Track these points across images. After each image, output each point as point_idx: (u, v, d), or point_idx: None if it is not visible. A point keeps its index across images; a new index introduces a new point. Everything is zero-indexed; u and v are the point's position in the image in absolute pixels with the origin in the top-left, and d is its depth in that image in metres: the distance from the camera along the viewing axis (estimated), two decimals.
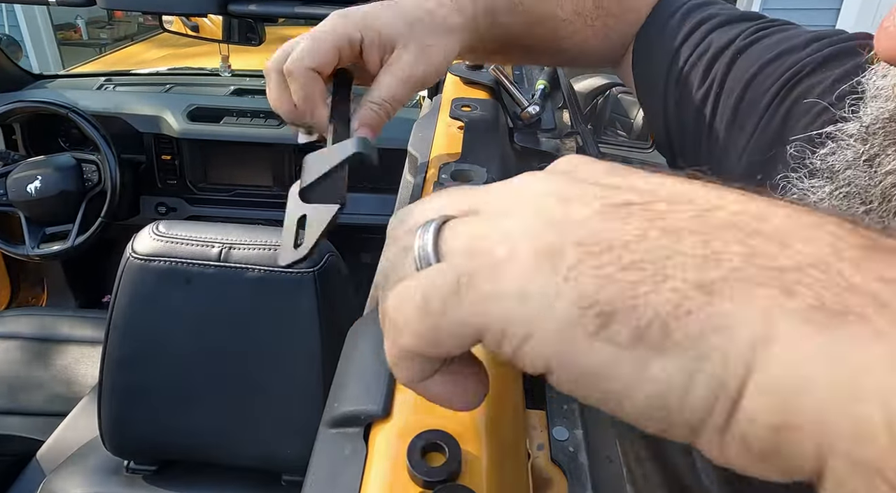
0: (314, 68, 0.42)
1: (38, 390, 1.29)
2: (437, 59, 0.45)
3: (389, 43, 0.44)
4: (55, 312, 1.54)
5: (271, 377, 0.84)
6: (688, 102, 0.52)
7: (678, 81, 0.53)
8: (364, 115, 0.43)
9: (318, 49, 0.42)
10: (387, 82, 0.44)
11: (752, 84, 0.47)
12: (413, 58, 0.44)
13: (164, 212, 1.72)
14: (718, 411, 0.15)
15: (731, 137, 0.48)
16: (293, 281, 0.81)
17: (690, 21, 0.54)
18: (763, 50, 0.48)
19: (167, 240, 0.82)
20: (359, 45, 0.44)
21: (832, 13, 3.51)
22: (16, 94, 1.65)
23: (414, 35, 0.44)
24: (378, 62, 0.45)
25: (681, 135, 0.54)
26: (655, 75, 0.56)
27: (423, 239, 0.19)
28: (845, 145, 0.37)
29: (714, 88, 0.50)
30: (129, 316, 0.83)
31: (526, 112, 0.64)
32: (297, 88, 0.43)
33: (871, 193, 0.35)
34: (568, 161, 0.21)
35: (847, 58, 0.43)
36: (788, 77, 0.45)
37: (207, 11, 1.28)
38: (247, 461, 0.89)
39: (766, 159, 0.44)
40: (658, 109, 0.56)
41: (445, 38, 0.46)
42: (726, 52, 0.50)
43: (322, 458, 0.28)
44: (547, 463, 0.32)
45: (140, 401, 0.86)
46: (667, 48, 0.55)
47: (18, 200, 1.50)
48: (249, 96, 1.71)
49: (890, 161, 0.34)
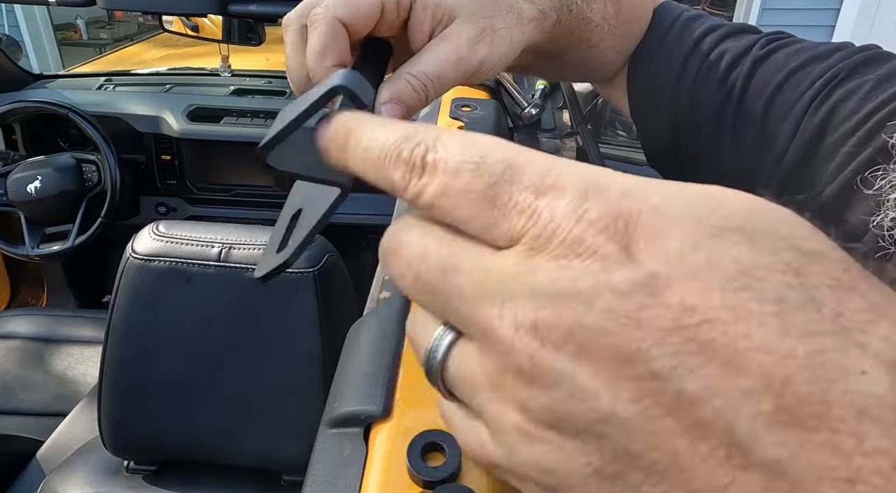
0: (344, 21, 0.32)
1: (38, 390, 1.29)
2: (501, 47, 0.37)
3: (448, 13, 0.35)
4: (55, 312, 1.54)
5: (271, 377, 0.84)
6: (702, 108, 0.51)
7: (690, 89, 0.52)
8: (398, 87, 0.33)
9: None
10: (434, 57, 0.34)
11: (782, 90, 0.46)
12: (474, 36, 0.35)
13: (164, 212, 1.72)
14: None
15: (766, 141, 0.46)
16: (293, 281, 0.81)
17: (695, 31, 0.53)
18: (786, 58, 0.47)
19: (167, 240, 0.82)
20: (408, 8, 0.35)
21: (832, 13, 3.50)
22: (16, 94, 1.65)
23: (480, 11, 0.36)
24: (427, 34, 0.35)
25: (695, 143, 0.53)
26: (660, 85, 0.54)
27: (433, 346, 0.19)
28: None
29: (735, 94, 0.49)
30: (129, 316, 0.83)
31: (526, 112, 0.64)
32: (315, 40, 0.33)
33: None
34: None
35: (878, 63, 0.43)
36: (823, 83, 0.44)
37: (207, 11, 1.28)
38: (247, 461, 0.89)
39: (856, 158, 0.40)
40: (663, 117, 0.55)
41: (517, 26, 0.38)
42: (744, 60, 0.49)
43: (322, 458, 0.28)
44: None
45: (140, 401, 0.86)
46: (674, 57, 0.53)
47: (18, 200, 1.50)
48: (249, 96, 1.71)
49: None
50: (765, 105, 0.47)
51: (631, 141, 1.66)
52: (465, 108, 0.58)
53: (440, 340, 0.18)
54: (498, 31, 0.36)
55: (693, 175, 0.54)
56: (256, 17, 1.38)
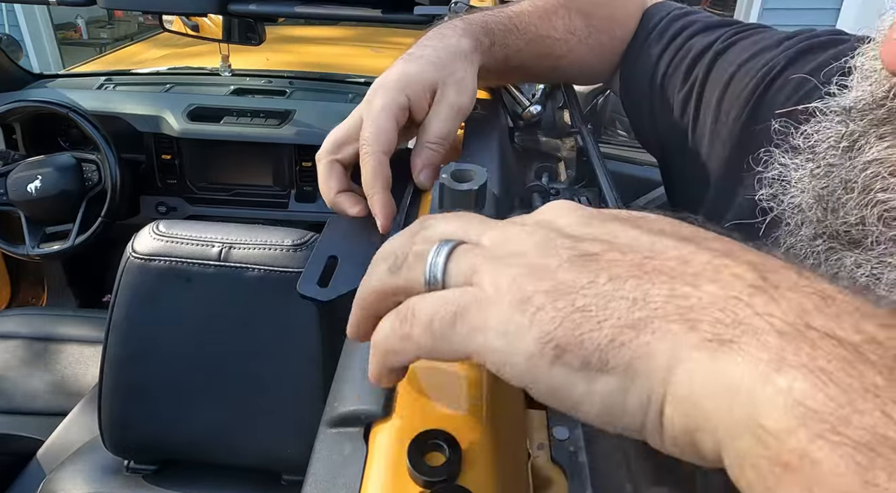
0: (385, 152, 0.43)
1: (38, 391, 1.29)
2: (471, 85, 0.48)
3: (431, 89, 0.46)
4: (55, 312, 1.54)
5: (271, 377, 0.84)
6: (671, 103, 0.56)
7: (662, 85, 0.57)
8: (426, 155, 0.45)
9: (382, 130, 0.43)
10: (439, 121, 0.46)
11: (732, 82, 0.50)
12: (455, 92, 0.46)
13: (164, 212, 1.72)
14: (650, 416, 0.20)
15: (717, 131, 0.51)
16: (293, 281, 0.81)
17: (672, 29, 0.58)
18: (740, 51, 0.52)
19: (167, 240, 0.82)
20: (408, 107, 0.45)
21: (832, 13, 3.51)
22: (16, 93, 1.65)
23: (445, 73, 0.47)
24: (426, 109, 0.46)
25: (667, 136, 0.57)
26: (640, 82, 0.60)
27: (436, 259, 0.24)
28: (828, 125, 0.38)
29: (696, 89, 0.53)
30: (129, 316, 0.83)
31: (527, 112, 0.64)
32: (368, 171, 0.43)
33: (850, 179, 0.35)
34: (552, 210, 0.25)
35: (820, 51, 0.46)
36: (765, 72, 0.48)
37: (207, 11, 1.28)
38: (247, 461, 0.89)
39: (751, 134, 0.47)
40: (644, 112, 0.60)
41: (468, 63, 0.49)
42: (706, 56, 0.54)
43: (322, 458, 0.28)
44: (547, 463, 0.32)
45: (140, 400, 0.86)
46: (650, 55, 0.59)
47: (18, 200, 1.50)
48: (249, 96, 1.71)
49: (871, 148, 0.35)
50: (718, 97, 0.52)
51: (631, 141, 1.66)
52: None
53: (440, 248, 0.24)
54: (465, 77, 0.47)
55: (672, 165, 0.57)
56: (256, 17, 1.37)
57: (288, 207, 1.69)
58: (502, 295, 0.21)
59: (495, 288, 0.22)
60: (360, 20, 1.19)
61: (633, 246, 0.22)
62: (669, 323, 0.19)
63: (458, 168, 0.39)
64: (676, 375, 0.19)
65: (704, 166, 0.52)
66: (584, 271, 0.21)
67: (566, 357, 0.20)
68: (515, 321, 0.21)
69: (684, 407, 0.19)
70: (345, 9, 1.15)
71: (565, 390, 0.21)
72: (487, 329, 0.22)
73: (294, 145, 1.61)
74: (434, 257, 0.24)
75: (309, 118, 1.61)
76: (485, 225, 0.25)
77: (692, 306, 0.19)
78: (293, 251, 0.82)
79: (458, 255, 0.24)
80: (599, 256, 0.21)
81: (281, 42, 2.22)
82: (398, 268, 0.26)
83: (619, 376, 0.20)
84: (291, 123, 1.60)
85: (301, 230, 0.85)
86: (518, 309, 0.21)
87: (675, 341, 0.19)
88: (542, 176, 0.59)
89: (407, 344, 0.24)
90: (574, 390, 0.21)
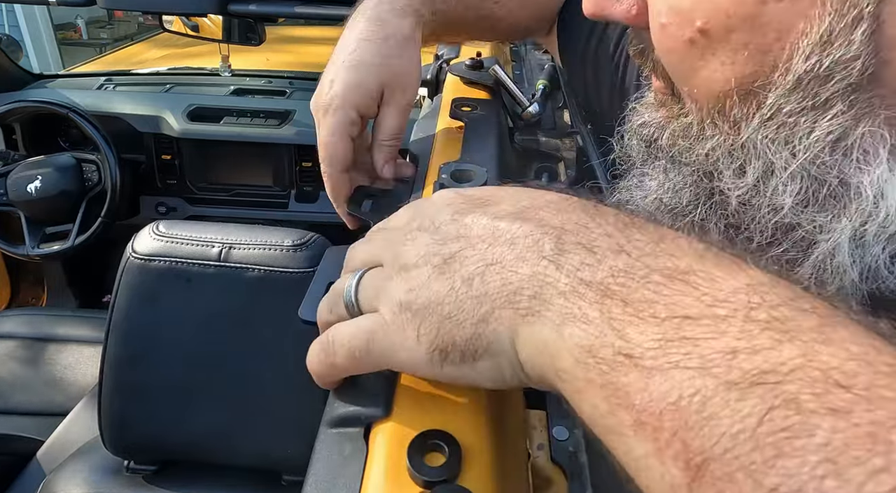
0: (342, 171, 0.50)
1: (38, 390, 1.29)
2: (416, 76, 0.51)
3: (377, 93, 0.50)
4: (55, 312, 1.54)
5: (271, 377, 0.84)
6: (602, 71, 0.57)
7: (595, 51, 0.58)
8: (385, 152, 0.51)
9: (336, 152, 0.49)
10: (389, 120, 0.50)
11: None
12: (401, 90, 0.50)
13: (164, 212, 1.72)
14: (521, 376, 0.26)
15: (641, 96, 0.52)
16: (293, 281, 0.81)
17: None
18: None
19: (167, 240, 0.82)
20: (359, 118, 0.50)
21: None
22: (16, 94, 1.65)
23: (390, 71, 0.50)
24: (376, 110, 0.51)
25: (597, 101, 0.59)
26: (575, 46, 0.61)
27: (349, 290, 0.30)
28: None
29: (623, 57, 0.54)
30: (129, 316, 0.83)
31: (527, 112, 0.64)
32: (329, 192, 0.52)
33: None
34: (434, 205, 0.30)
35: None
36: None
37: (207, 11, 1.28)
38: (247, 461, 0.89)
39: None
40: (579, 75, 0.62)
41: (410, 51, 0.51)
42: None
43: (322, 458, 0.28)
44: (547, 463, 0.32)
45: (140, 401, 0.86)
46: (584, 22, 0.59)
47: (18, 200, 1.50)
48: (249, 96, 1.71)
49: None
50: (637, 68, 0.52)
51: None
52: (466, 107, 0.58)
53: (352, 279, 0.30)
54: (406, 73, 0.50)
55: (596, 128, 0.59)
56: (256, 17, 1.38)
57: (288, 207, 1.69)
58: (397, 318, 0.27)
59: (391, 313, 0.27)
60: None
61: (482, 235, 0.27)
62: (503, 310, 0.25)
63: (458, 168, 0.39)
64: (517, 345, 0.25)
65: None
66: (445, 279, 0.26)
67: (450, 356, 0.26)
68: (410, 339, 0.27)
69: (529, 365, 0.25)
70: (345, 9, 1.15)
71: (461, 379, 0.27)
72: (394, 349, 0.27)
73: (294, 145, 1.61)
74: (348, 289, 0.30)
75: (309, 118, 1.59)
76: (386, 243, 0.30)
77: (515, 290, 0.25)
78: (293, 252, 0.82)
79: (365, 283, 0.30)
80: (456, 255, 0.27)
81: (281, 42, 2.22)
82: (334, 304, 0.31)
83: (489, 358, 0.26)
84: (291, 124, 1.60)
85: (301, 230, 0.85)
86: (410, 328, 0.27)
87: (509, 322, 0.25)
88: (542, 176, 0.59)
89: (334, 370, 0.30)
90: (467, 377, 0.27)
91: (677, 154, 0.32)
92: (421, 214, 0.30)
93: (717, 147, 0.30)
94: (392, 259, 0.29)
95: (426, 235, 0.28)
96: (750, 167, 0.28)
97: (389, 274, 0.29)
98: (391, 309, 0.27)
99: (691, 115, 0.31)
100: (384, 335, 0.27)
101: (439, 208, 0.29)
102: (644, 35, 0.32)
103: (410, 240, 0.29)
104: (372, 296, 0.29)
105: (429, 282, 0.27)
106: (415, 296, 0.27)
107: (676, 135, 0.32)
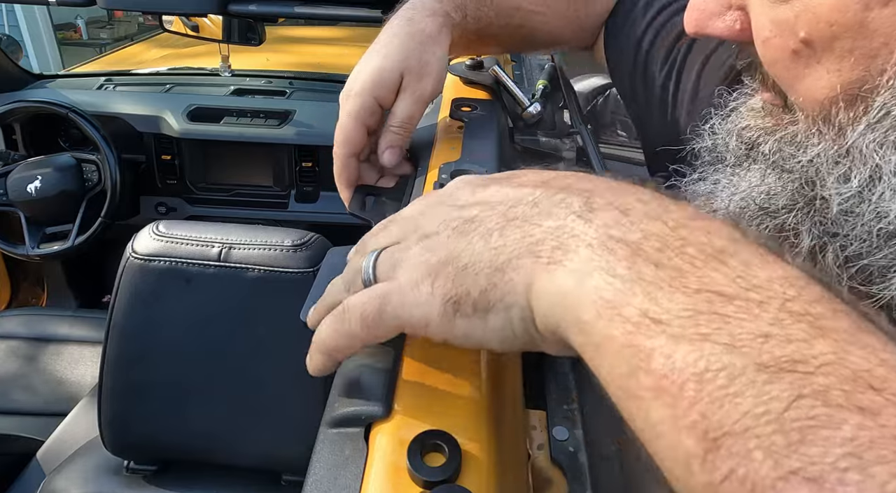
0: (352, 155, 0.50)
1: (37, 390, 1.29)
2: (436, 69, 0.51)
3: (397, 81, 0.50)
4: (55, 312, 1.54)
5: (271, 377, 0.84)
6: (653, 80, 0.58)
7: (645, 62, 0.58)
8: (390, 138, 0.50)
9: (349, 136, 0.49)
10: (402, 107, 0.50)
11: (710, 59, 0.52)
12: (417, 79, 0.50)
13: (164, 212, 1.72)
14: (531, 331, 0.25)
15: (696, 109, 0.52)
16: (293, 281, 0.81)
17: (655, 5, 0.59)
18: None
19: (167, 240, 0.82)
20: (378, 106, 0.50)
21: None
22: (16, 94, 1.65)
23: (409, 61, 0.50)
24: (393, 99, 0.50)
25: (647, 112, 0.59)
26: (625, 58, 0.61)
27: (367, 267, 0.30)
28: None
29: (676, 67, 0.55)
30: (129, 316, 0.83)
31: (527, 112, 0.64)
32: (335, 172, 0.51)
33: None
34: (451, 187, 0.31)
35: None
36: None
37: (207, 11, 1.28)
38: (247, 461, 0.89)
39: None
40: (628, 88, 0.62)
41: (433, 46, 0.51)
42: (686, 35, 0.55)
43: (322, 458, 0.28)
44: (547, 463, 0.32)
45: (140, 401, 0.86)
46: (634, 32, 0.60)
47: (18, 200, 1.50)
48: (249, 96, 1.71)
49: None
50: (696, 74, 0.53)
51: (631, 141, 1.66)
52: (466, 108, 0.58)
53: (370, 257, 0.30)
54: (428, 63, 0.50)
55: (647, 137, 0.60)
56: (256, 17, 1.38)
57: (288, 207, 1.69)
58: (412, 277, 0.27)
59: (408, 275, 0.27)
60: (359, 20, 1.20)
61: (503, 200, 0.27)
62: (522, 259, 0.25)
63: (457, 168, 0.39)
64: (533, 293, 0.24)
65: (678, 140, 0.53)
66: (464, 237, 0.27)
67: (462, 307, 0.26)
68: (424, 294, 0.27)
69: (543, 318, 0.24)
70: (344, 9, 1.15)
71: (471, 335, 0.26)
72: (406, 307, 0.27)
73: (294, 146, 1.61)
74: (366, 265, 0.30)
75: (309, 118, 1.61)
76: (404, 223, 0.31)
77: (537, 241, 0.25)
78: (293, 252, 0.82)
79: (383, 257, 0.30)
80: (476, 217, 0.27)
81: (281, 42, 2.22)
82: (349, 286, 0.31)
83: (501, 310, 0.25)
84: (291, 124, 1.60)
85: (301, 231, 0.85)
86: (425, 283, 0.27)
87: (527, 271, 0.24)
88: None
89: (351, 340, 0.29)
90: (476, 332, 0.26)
91: (780, 160, 0.33)
92: (437, 197, 0.30)
93: (821, 154, 0.30)
94: (411, 232, 0.29)
95: (445, 207, 0.29)
96: (855, 173, 0.29)
97: (408, 245, 0.29)
98: (407, 271, 0.27)
99: (800, 123, 0.32)
100: (399, 295, 0.27)
101: (458, 187, 0.30)
102: (750, 49, 0.33)
103: (430, 214, 0.29)
104: (389, 268, 0.29)
105: (447, 241, 0.27)
106: (432, 254, 0.27)
107: (783, 142, 0.33)
